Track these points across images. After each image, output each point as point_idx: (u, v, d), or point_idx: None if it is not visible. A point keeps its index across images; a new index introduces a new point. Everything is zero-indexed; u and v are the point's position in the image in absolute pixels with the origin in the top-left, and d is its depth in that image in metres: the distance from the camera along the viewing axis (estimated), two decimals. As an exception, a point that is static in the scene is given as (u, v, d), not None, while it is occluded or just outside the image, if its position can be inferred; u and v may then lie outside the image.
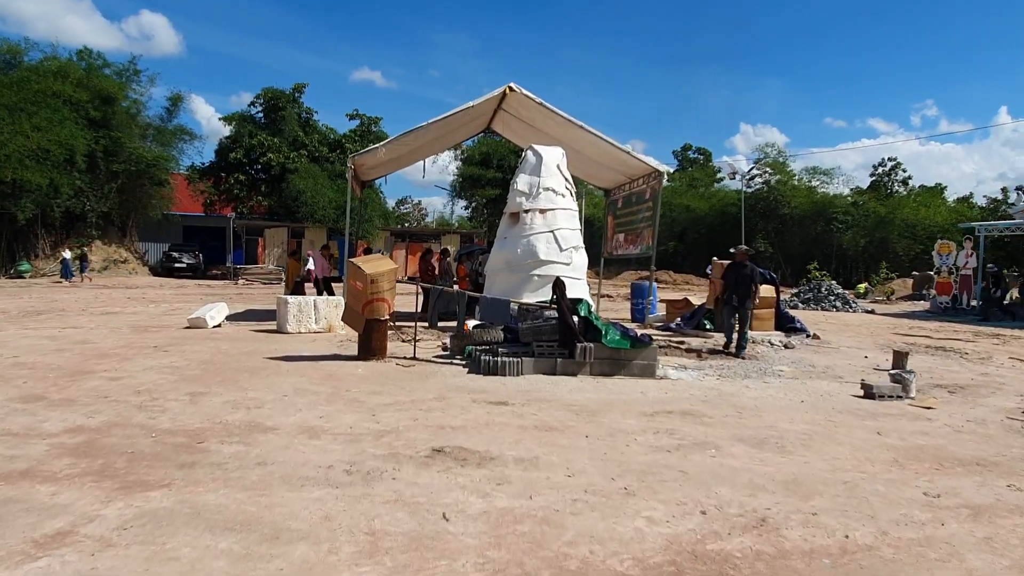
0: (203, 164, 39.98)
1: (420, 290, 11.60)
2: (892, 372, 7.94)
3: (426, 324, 11.51)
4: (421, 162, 18.21)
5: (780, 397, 7.45)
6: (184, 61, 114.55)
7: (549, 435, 5.49)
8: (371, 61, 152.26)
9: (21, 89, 30.03)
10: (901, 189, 54.44)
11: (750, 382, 8.34)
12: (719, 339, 12.16)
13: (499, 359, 8.12)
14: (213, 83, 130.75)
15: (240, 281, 33.38)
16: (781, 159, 49.87)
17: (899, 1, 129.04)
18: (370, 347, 8.83)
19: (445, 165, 46.33)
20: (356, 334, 9.24)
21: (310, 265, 15.98)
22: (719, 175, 59.60)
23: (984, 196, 54.36)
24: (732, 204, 49.84)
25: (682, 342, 11.80)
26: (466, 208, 49.97)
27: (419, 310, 10.41)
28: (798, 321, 13.34)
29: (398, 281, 9.28)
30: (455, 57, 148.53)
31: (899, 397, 7.56)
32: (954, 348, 12.54)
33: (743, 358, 10.06)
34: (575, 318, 8.27)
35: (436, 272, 15.05)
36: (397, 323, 11.73)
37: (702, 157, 65.94)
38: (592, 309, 8.61)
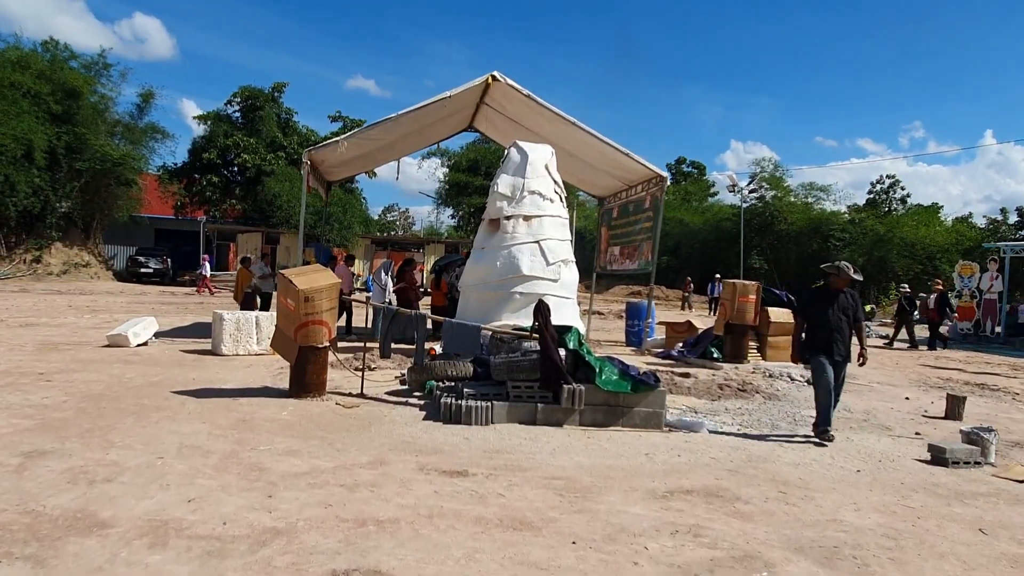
0: (175, 165, 37.98)
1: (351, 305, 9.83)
2: (967, 431, 6.21)
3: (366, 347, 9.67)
4: (396, 163, 16.45)
5: (827, 463, 5.69)
6: (177, 65, 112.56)
7: (520, 540, 3.70)
8: (365, 70, 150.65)
9: (-25, 79, 28.03)
10: (899, 207, 53.16)
11: (780, 436, 6.59)
12: (729, 371, 10.43)
13: (464, 403, 6.33)
14: (206, 87, 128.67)
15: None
16: (778, 174, 48.46)
17: (889, 24, 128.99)
18: (304, 382, 7.01)
19: (431, 171, 44.67)
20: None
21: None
22: (713, 189, 58.31)
23: (984, 216, 53.18)
24: (727, 219, 48.47)
25: (687, 374, 10.04)
26: (452, 216, 48.26)
27: (349, 325, 8.62)
28: (819, 351, 11.59)
29: (345, 295, 7.47)
30: (449, 67, 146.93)
31: (977, 463, 5.85)
32: (997, 385, 10.87)
33: (828, 442, 6.22)
34: (561, 351, 6.50)
35: (416, 284, 13.27)
36: (354, 344, 9.93)
37: (696, 171, 64.56)
38: (583, 339, 6.85)
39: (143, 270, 33.76)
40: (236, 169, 36.75)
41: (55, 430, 5.49)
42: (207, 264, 28.08)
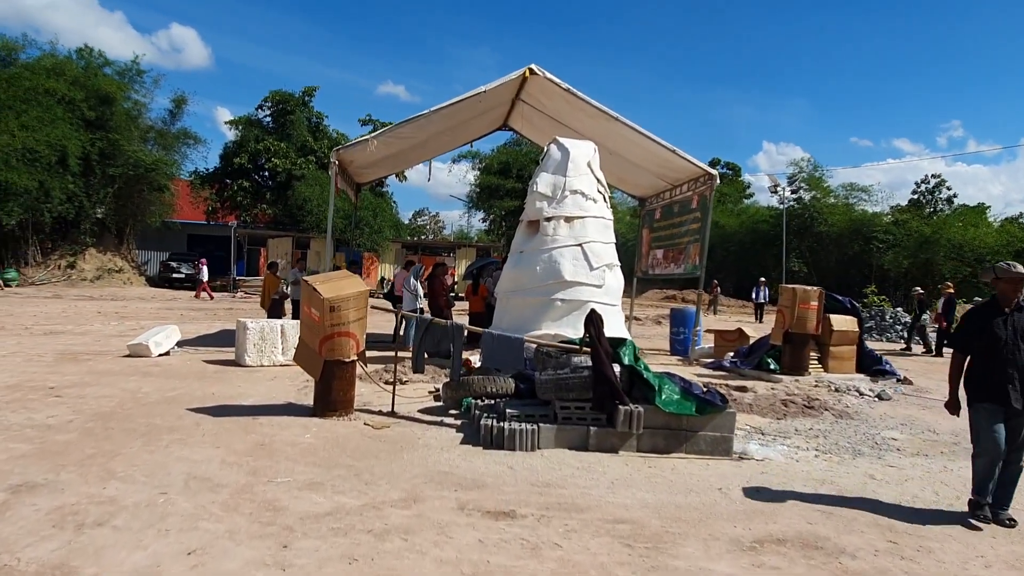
0: (207, 170, 37.95)
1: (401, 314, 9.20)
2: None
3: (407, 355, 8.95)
4: (427, 164, 15.87)
5: (931, 499, 4.87)
6: (212, 73, 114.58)
7: (587, 613, 2.99)
8: (395, 75, 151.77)
9: (11, 86, 28.11)
10: (945, 208, 51.26)
11: (867, 464, 5.78)
12: (790, 385, 9.59)
13: (507, 425, 5.64)
14: (239, 95, 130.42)
15: (238, 294, 31.20)
16: (817, 174, 46.99)
17: (926, 23, 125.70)
18: (329, 399, 6.38)
19: (462, 175, 44.16)
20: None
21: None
22: (749, 190, 56.95)
23: (1034, 217, 50.94)
24: (763, 221, 47.22)
25: (744, 388, 9.23)
26: (483, 220, 47.60)
27: (398, 334, 7.99)
28: (887, 362, 10.67)
29: (374, 304, 6.84)
30: (478, 72, 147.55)
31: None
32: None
33: (982, 523, 4.37)
34: (615, 367, 5.77)
35: (448, 290, 12.62)
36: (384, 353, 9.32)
37: (731, 172, 63.11)
38: (638, 353, 6.11)
39: (175, 275, 33.69)
40: (267, 174, 36.59)
41: (53, 457, 4.92)
42: (204, 268, 27.91)
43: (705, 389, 5.95)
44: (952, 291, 16.01)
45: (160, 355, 10.00)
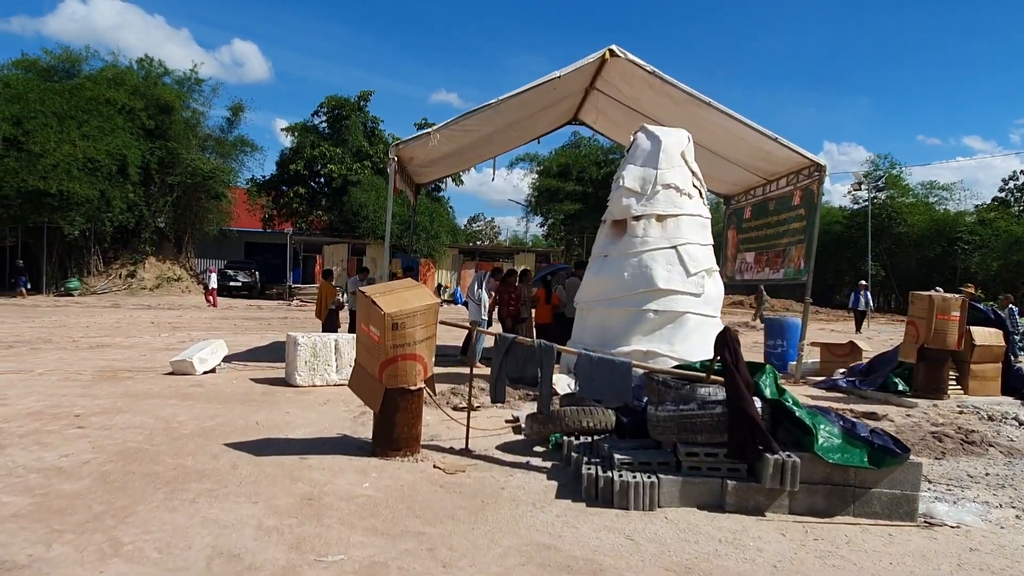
0: (263, 177, 37.81)
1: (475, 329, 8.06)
2: None
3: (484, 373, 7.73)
4: (491, 163, 14.77)
5: None
6: (272, 87, 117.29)
7: None
8: (448, 83, 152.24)
9: (73, 96, 28.28)
10: (1038, 206, 47.73)
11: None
12: (929, 411, 8.06)
13: (616, 475, 4.39)
14: (298, 106, 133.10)
15: (294, 302, 30.73)
16: (895, 171, 44.23)
17: (997, 18, 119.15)
18: (391, 436, 5.24)
19: (518, 180, 43.09)
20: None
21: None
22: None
23: None
24: (836, 222, 44.73)
25: (874, 415, 7.75)
26: (541, 225, 46.39)
27: (469, 348, 6.85)
28: (1036, 382, 9.01)
29: (442, 322, 5.68)
30: (531, 79, 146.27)
31: None
32: None
33: None
34: (757, 401, 4.46)
35: (520, 301, 11.46)
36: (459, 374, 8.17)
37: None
38: (779, 380, 4.78)
39: (232, 283, 33.54)
40: (322, 180, 36.18)
41: (52, 517, 3.90)
42: (213, 276, 27.50)
43: (871, 430, 4.58)
44: (971, 293, 13.92)
45: (205, 372, 9.10)
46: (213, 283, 27.39)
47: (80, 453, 5.20)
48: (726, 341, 4.47)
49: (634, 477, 4.38)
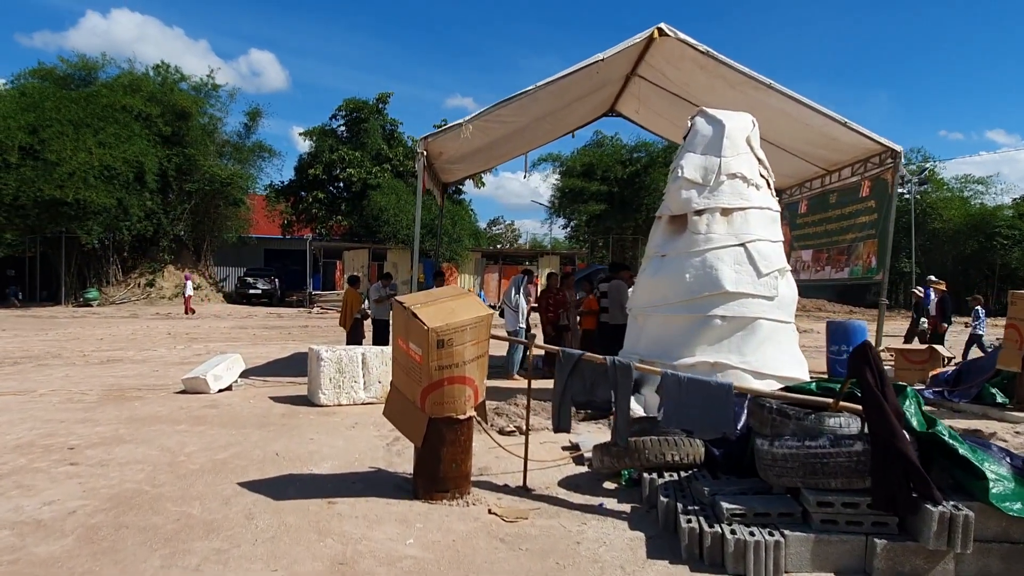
0: (282, 183, 37.21)
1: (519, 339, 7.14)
2: None
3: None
4: (522, 159, 13.90)
5: None
6: (290, 95, 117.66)
7: None
8: (463, 88, 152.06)
9: (89, 104, 27.78)
10: (1080, 199, 45.93)
11: None
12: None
13: (727, 531, 3.46)
14: (315, 114, 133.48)
15: (315, 309, 30.02)
16: (930, 165, 42.75)
17: (1020, 8, 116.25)
18: (437, 475, 4.35)
19: (539, 181, 42.16)
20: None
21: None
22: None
23: None
24: (870, 218, 43.19)
25: (977, 431, 6.73)
26: (564, 227, 45.35)
27: (524, 361, 5.97)
28: None
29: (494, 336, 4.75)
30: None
31: None
32: None
33: None
34: (906, 435, 3.50)
35: (565, 307, 10.58)
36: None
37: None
38: (922, 404, 3.83)
39: (251, 291, 32.93)
40: (341, 184, 35.46)
41: (16, 597, 3.05)
42: (189, 284, 26.73)
43: (1043, 467, 3.62)
44: (943, 289, 12.78)
45: (220, 391, 8.28)
46: (189, 291, 26.66)
47: (67, 499, 4.36)
48: (867, 358, 3.52)
49: (751, 534, 3.44)
